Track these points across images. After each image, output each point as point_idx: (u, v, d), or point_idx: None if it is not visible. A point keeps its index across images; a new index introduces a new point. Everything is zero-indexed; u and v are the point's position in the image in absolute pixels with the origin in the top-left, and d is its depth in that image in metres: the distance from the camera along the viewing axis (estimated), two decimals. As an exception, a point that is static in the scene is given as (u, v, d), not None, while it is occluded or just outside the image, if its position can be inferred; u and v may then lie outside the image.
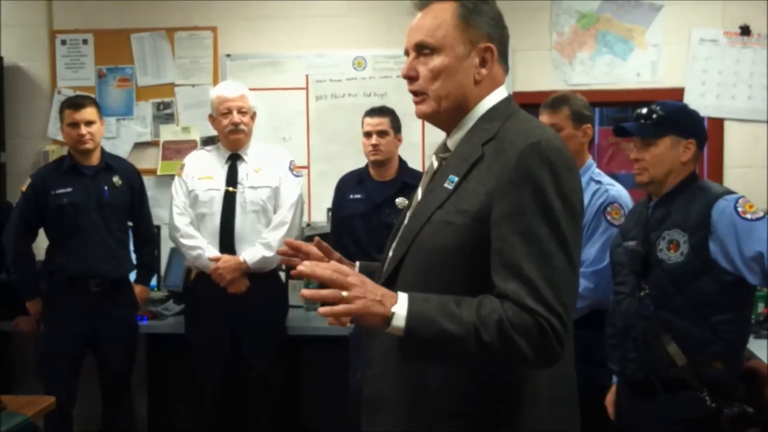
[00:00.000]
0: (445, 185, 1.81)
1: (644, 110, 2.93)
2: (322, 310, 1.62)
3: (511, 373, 1.75)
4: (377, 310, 1.63)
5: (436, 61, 1.85)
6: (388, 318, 1.64)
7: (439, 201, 1.80)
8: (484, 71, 1.86)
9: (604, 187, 3.46)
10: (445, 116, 1.90)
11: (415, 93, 1.91)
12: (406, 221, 1.93)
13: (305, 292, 1.67)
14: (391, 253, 1.92)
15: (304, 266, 1.66)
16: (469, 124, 1.87)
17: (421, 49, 1.87)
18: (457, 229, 1.74)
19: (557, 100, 3.56)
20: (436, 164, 1.93)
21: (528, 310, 1.63)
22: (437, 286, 1.73)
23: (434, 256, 1.77)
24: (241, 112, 4.22)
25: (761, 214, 2.76)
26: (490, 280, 1.69)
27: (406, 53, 1.93)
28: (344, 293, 1.63)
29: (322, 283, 1.65)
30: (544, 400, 1.77)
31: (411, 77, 1.90)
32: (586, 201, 3.43)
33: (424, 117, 1.92)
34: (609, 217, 3.38)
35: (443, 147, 1.94)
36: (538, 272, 1.64)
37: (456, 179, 1.79)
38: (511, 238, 1.67)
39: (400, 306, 1.65)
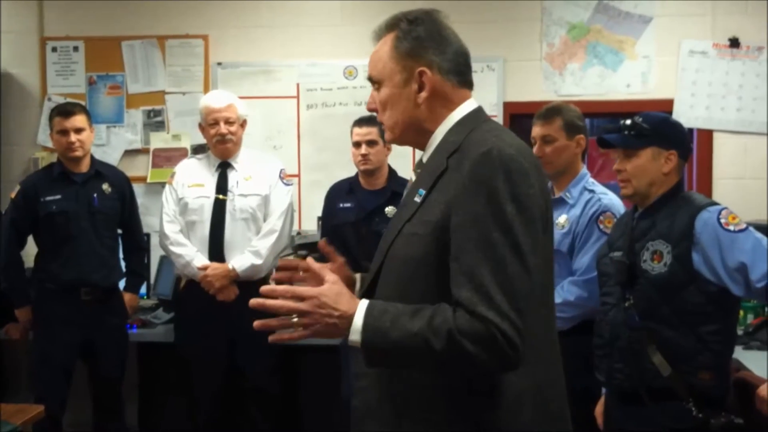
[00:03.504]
0: (415, 199, 1.86)
1: (628, 121, 2.93)
2: (270, 338, 1.76)
3: (492, 379, 1.76)
4: (332, 331, 1.73)
5: (382, 93, 1.94)
6: (346, 335, 1.72)
7: (409, 214, 1.85)
8: (423, 95, 1.89)
9: (596, 196, 3.47)
10: (407, 140, 1.99)
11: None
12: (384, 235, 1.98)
13: (256, 323, 1.73)
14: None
15: (256, 300, 1.72)
16: (438, 139, 1.92)
17: (372, 82, 1.97)
18: (422, 239, 1.79)
19: (550, 111, 3.57)
20: (414, 179, 1.99)
21: (479, 317, 1.65)
22: (410, 295, 1.77)
23: (405, 266, 1.82)
24: (228, 122, 4.23)
25: (744, 225, 2.77)
26: None
27: None
28: (294, 319, 1.72)
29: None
30: (527, 405, 1.79)
31: (372, 110, 2.00)
32: (578, 211, 3.44)
33: (392, 143, 2.03)
34: (602, 226, 3.38)
35: (419, 163, 1.99)
36: (490, 278, 1.67)
37: (423, 192, 1.84)
38: (465, 245, 1.70)
39: (357, 320, 1.71)
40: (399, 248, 1.84)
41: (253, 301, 1.72)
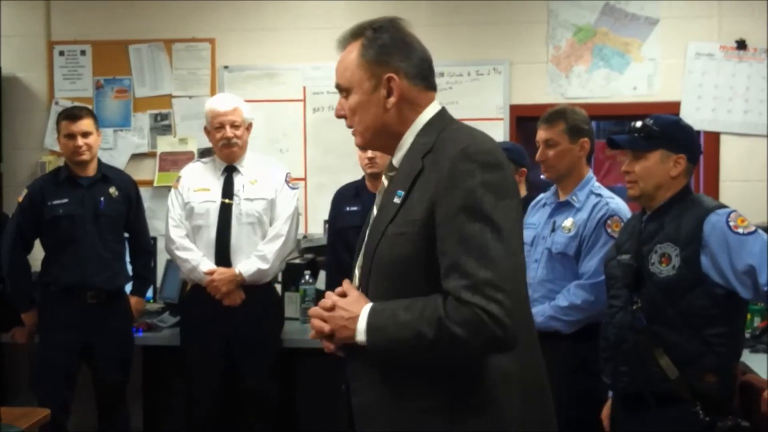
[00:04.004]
0: (395, 200, 1.92)
1: (638, 123, 2.94)
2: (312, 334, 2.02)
3: (479, 364, 1.83)
4: (343, 333, 1.89)
5: (351, 100, 2.01)
6: (354, 335, 1.87)
7: (391, 216, 1.91)
8: (392, 100, 1.97)
9: (604, 200, 3.45)
10: (378, 144, 2.08)
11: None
12: (366, 238, 2.04)
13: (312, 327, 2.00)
14: (358, 271, 2.04)
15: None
16: (408, 141, 1.99)
17: (340, 90, 2.04)
18: (409, 238, 1.86)
19: (553, 115, 3.56)
20: (386, 183, 2.04)
21: (465, 302, 1.73)
22: (402, 292, 1.85)
23: (394, 266, 1.89)
24: (233, 126, 4.21)
25: (753, 228, 2.76)
26: None
27: None
28: (326, 328, 1.94)
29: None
30: (515, 389, 1.86)
31: (341, 116, 2.07)
32: (586, 214, 3.44)
33: (361, 147, 2.12)
34: (609, 230, 3.38)
35: (390, 166, 2.05)
36: (474, 264, 1.74)
37: (403, 193, 1.91)
38: (450, 239, 1.79)
39: (361, 320, 1.86)
40: (386, 250, 1.90)
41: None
